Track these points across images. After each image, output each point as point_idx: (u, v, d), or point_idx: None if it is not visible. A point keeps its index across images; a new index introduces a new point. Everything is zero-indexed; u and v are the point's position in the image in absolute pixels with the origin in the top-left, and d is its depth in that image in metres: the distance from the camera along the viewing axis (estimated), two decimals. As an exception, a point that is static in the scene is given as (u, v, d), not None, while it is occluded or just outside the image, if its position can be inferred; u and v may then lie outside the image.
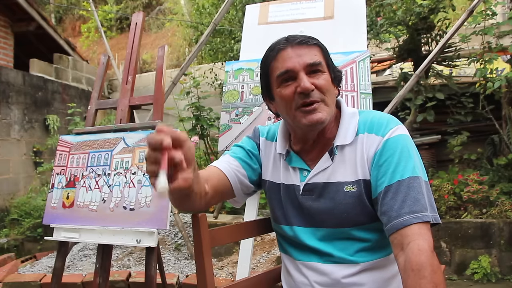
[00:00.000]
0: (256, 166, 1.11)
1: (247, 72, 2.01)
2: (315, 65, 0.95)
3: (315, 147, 1.02)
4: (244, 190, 1.10)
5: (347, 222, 0.97)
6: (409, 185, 0.87)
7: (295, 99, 0.95)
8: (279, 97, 0.99)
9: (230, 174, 1.05)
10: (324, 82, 0.96)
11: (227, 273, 2.89)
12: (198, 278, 1.00)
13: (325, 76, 0.97)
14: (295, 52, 0.96)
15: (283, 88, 0.97)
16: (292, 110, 0.97)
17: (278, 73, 0.97)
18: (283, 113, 1.02)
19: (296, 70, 0.95)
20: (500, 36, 3.71)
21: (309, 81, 0.94)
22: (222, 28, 5.37)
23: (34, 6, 5.58)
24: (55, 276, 1.85)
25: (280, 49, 0.97)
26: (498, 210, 3.06)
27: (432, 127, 4.72)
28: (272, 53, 0.99)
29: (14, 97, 4.87)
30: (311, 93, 0.94)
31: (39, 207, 4.11)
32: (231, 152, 1.12)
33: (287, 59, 0.96)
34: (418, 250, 0.79)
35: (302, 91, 0.94)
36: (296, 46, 0.96)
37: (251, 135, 1.16)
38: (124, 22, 12.69)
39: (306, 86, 0.93)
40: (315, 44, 0.98)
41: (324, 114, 0.95)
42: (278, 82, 0.98)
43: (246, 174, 1.08)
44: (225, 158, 1.09)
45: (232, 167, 1.06)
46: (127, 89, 2.03)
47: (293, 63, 0.95)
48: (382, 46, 4.63)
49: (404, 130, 0.95)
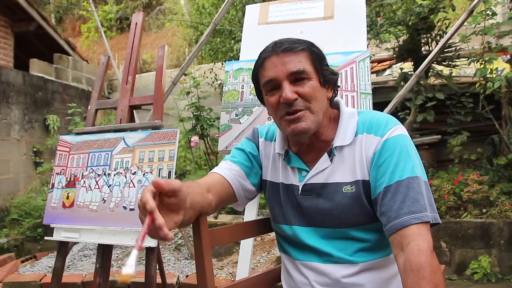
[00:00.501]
0: (257, 168, 1.12)
1: (247, 72, 2.01)
2: (298, 73, 0.94)
3: (312, 149, 1.03)
4: (247, 195, 1.10)
5: (346, 223, 0.97)
6: (408, 185, 0.87)
7: (280, 108, 0.96)
8: (267, 104, 1.01)
9: (232, 181, 1.05)
10: (309, 90, 0.95)
11: (227, 273, 2.89)
12: (198, 278, 1.00)
13: (311, 83, 0.96)
14: (280, 60, 0.95)
15: (269, 96, 0.99)
16: (278, 118, 0.99)
17: (263, 82, 0.99)
18: (273, 119, 1.04)
19: (279, 79, 0.95)
20: (500, 36, 3.71)
21: (292, 90, 0.94)
22: (222, 28, 5.37)
23: (34, 6, 5.58)
24: (55, 276, 1.85)
25: (266, 58, 0.98)
26: (498, 210, 3.06)
27: (432, 127, 4.72)
28: (258, 61, 1.00)
29: (14, 97, 4.87)
30: (294, 103, 0.94)
31: (39, 207, 4.11)
32: (231, 157, 1.11)
33: (271, 67, 0.96)
34: (417, 250, 0.79)
35: (284, 102, 0.94)
36: (281, 54, 0.95)
37: (250, 137, 1.16)
38: (124, 22, 12.68)
39: (288, 97, 0.93)
40: (302, 49, 0.96)
41: (308, 123, 0.95)
42: (265, 90, 1.00)
43: (247, 179, 1.08)
44: (226, 165, 1.09)
45: (234, 173, 1.07)
46: (127, 89, 2.03)
47: (277, 72, 0.95)
48: (382, 46, 4.63)
49: (403, 130, 0.95)
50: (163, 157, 1.76)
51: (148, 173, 1.76)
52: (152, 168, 1.77)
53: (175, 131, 1.78)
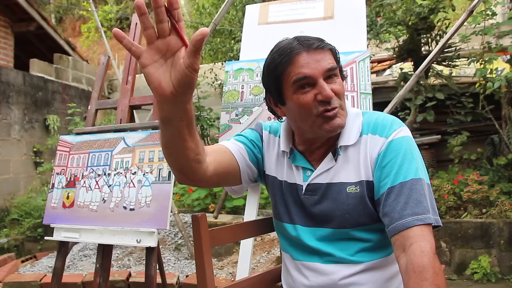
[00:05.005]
0: (259, 156, 1.10)
1: (247, 72, 2.01)
2: (332, 70, 0.93)
3: (320, 148, 1.02)
4: (250, 175, 1.09)
5: (348, 223, 0.96)
6: (412, 187, 0.87)
7: (315, 106, 0.93)
8: (296, 103, 0.95)
9: (238, 155, 1.04)
10: (340, 87, 0.95)
11: (227, 273, 2.89)
12: (198, 278, 1.00)
13: (339, 80, 0.96)
14: (312, 57, 0.92)
15: (300, 94, 0.93)
16: (312, 116, 0.94)
17: (295, 79, 0.93)
18: (297, 119, 0.98)
19: (315, 77, 0.92)
20: (500, 36, 3.72)
21: (328, 87, 0.92)
22: (222, 28, 5.37)
23: (34, 6, 5.58)
24: (55, 276, 1.85)
25: (296, 54, 0.93)
26: (498, 210, 3.06)
27: (432, 127, 4.73)
28: (286, 58, 0.94)
29: (14, 97, 4.87)
30: (331, 100, 0.92)
31: (39, 207, 4.11)
32: (234, 137, 1.10)
33: (304, 64, 0.92)
34: (420, 252, 0.79)
35: (324, 99, 0.91)
36: (312, 51, 0.93)
37: (254, 127, 1.15)
38: (124, 22, 12.67)
39: (329, 94, 0.91)
40: (328, 48, 0.96)
41: (343, 120, 0.95)
42: (294, 88, 0.94)
43: (250, 159, 1.07)
44: (230, 141, 1.07)
45: (239, 149, 1.05)
46: (127, 89, 2.03)
47: (312, 69, 0.92)
48: (382, 46, 4.63)
49: (408, 132, 0.95)
50: (163, 157, 1.74)
51: (148, 173, 1.76)
52: (152, 168, 1.77)
53: (175, 131, 1.78)
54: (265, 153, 1.11)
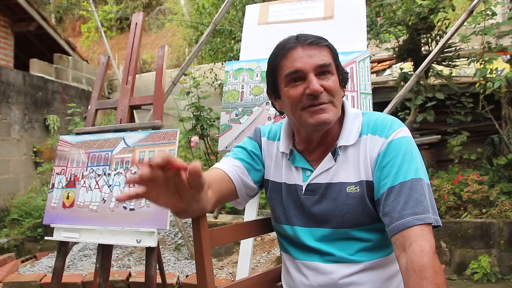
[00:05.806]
0: (260, 167, 1.11)
1: (247, 72, 2.02)
2: (324, 66, 0.94)
3: (318, 147, 1.02)
4: (248, 192, 1.10)
5: (348, 223, 0.97)
6: (412, 187, 0.87)
7: (303, 100, 0.94)
8: (286, 96, 0.97)
9: (234, 177, 1.04)
10: (333, 84, 0.95)
11: (227, 273, 2.89)
12: (198, 278, 1.00)
13: (334, 78, 0.96)
14: (306, 53, 0.94)
15: (291, 88, 0.96)
16: (298, 110, 0.96)
17: (287, 72, 0.95)
18: (289, 112, 1.01)
19: (305, 71, 0.94)
20: (500, 36, 3.71)
21: (318, 82, 0.93)
22: (222, 28, 5.36)
23: (34, 6, 5.58)
24: (55, 276, 1.85)
25: (290, 48, 0.95)
26: (498, 210, 3.06)
27: (432, 127, 4.73)
28: (281, 51, 0.97)
29: (14, 97, 4.87)
30: (319, 95, 0.93)
31: (39, 207, 4.11)
32: (232, 154, 1.10)
33: (297, 58, 0.94)
34: (420, 251, 0.80)
35: (311, 93, 0.93)
36: (307, 47, 0.95)
37: (252, 136, 1.15)
38: (124, 22, 12.68)
39: (316, 88, 0.92)
40: (326, 45, 0.97)
41: (331, 115, 0.95)
42: (286, 81, 0.97)
43: (249, 176, 1.08)
44: (228, 160, 1.08)
45: (236, 169, 1.06)
46: (127, 89, 2.03)
47: (303, 64, 0.94)
48: (382, 46, 4.63)
49: (408, 132, 0.96)
50: (163, 157, 1.76)
51: (148, 173, 1.76)
52: (152, 168, 1.76)
53: (175, 131, 1.78)
54: (265, 161, 1.12)
